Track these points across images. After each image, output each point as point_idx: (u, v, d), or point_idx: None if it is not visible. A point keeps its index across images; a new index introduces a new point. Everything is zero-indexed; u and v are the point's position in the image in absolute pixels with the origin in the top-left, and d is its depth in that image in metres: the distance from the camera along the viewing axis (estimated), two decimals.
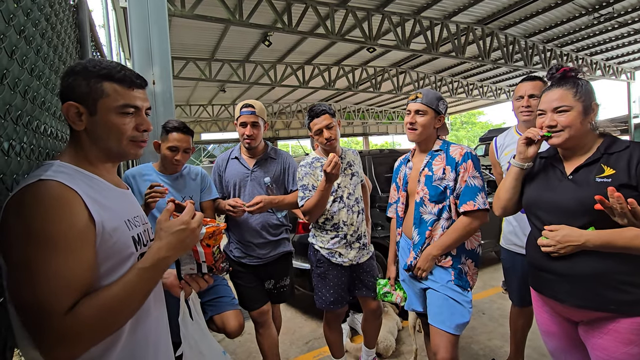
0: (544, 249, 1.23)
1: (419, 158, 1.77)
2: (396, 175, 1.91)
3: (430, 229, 1.64)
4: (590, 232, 1.15)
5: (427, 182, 1.65)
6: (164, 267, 0.80)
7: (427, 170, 1.67)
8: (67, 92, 0.81)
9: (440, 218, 1.63)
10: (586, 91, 1.23)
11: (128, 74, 0.84)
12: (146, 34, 2.15)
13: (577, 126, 1.22)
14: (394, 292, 1.86)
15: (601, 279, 1.15)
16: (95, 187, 0.80)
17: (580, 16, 8.15)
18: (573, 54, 10.95)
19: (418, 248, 1.66)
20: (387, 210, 1.98)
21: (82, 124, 0.81)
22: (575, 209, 1.20)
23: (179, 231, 0.82)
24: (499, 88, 15.98)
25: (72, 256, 0.68)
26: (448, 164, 1.63)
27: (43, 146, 1.25)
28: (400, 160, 1.92)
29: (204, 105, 16.66)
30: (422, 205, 1.66)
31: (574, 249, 1.17)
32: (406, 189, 1.78)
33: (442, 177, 1.62)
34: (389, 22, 7.56)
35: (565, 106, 1.23)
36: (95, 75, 0.81)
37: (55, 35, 1.54)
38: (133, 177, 1.81)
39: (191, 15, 6.02)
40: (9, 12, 0.98)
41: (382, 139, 30.93)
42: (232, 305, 1.87)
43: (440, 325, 1.56)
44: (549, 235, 1.22)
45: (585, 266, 1.17)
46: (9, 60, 0.97)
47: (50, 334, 0.64)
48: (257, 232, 1.99)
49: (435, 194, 1.62)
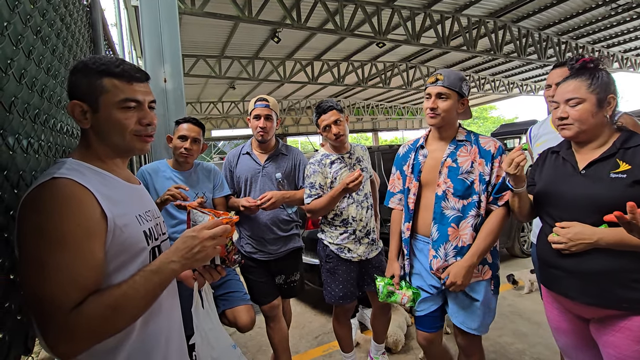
0: (554, 245, 1.21)
1: (437, 146, 1.60)
2: (402, 162, 1.72)
3: (454, 226, 1.50)
4: (603, 230, 1.12)
5: (452, 175, 1.50)
6: (169, 273, 0.78)
7: (451, 161, 1.52)
8: (72, 90, 0.83)
9: (467, 215, 1.50)
10: (603, 83, 1.19)
11: (127, 68, 0.84)
12: (157, 32, 2.18)
13: (589, 119, 1.19)
14: (398, 292, 1.65)
15: (613, 277, 1.13)
16: (107, 183, 0.82)
17: (597, 7, 7.91)
18: (589, 46, 10.64)
19: (439, 245, 1.52)
20: (388, 200, 1.79)
21: (88, 121, 0.83)
22: (587, 206, 1.17)
23: (189, 237, 0.82)
24: (512, 82, 15.66)
25: (81, 254, 0.70)
26: (482, 156, 1.50)
27: (60, 143, 1.29)
28: (409, 145, 1.73)
29: (214, 102, 16.79)
30: (444, 200, 1.51)
31: (585, 247, 1.14)
32: (419, 179, 1.60)
33: (470, 170, 1.49)
34: (399, 16, 7.47)
35: (577, 98, 1.20)
36: (94, 72, 0.81)
37: (70, 34, 1.58)
38: (148, 173, 1.86)
39: (201, 13, 6.06)
40: (26, 13, 1.01)
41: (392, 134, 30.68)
42: (243, 300, 1.90)
43: (473, 329, 1.52)
44: (561, 233, 1.19)
45: (596, 263, 1.15)
46: (27, 60, 1.00)
47: (55, 328, 0.67)
48: (268, 228, 2.01)
49: (462, 189, 1.49)
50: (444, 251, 1.52)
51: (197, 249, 0.81)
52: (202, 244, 0.82)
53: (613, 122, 1.24)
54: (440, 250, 1.52)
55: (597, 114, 1.19)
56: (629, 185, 1.10)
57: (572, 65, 1.27)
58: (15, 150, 0.87)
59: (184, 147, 1.82)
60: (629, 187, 1.10)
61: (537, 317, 2.89)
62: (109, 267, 0.77)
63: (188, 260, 0.81)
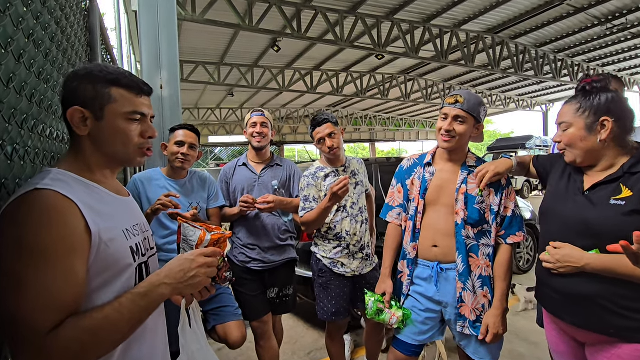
0: (544, 264, 1.20)
1: (446, 167, 1.55)
2: (405, 176, 1.64)
3: (473, 255, 1.46)
4: (592, 256, 1.10)
5: (470, 203, 1.46)
6: (157, 297, 0.74)
7: (466, 188, 1.48)
8: (71, 96, 0.80)
9: (480, 244, 1.47)
10: (594, 106, 1.14)
11: (136, 80, 0.85)
12: (155, 38, 2.16)
13: (577, 143, 1.17)
14: (388, 311, 1.56)
15: (601, 302, 1.11)
16: (94, 195, 0.79)
17: (592, 27, 8.08)
18: (585, 64, 10.84)
19: (467, 278, 1.45)
20: (385, 213, 1.71)
21: (86, 129, 0.80)
22: (580, 229, 1.15)
23: (186, 260, 0.80)
24: (508, 97, 15.87)
25: (62, 271, 0.66)
26: (491, 186, 1.48)
27: (48, 149, 1.24)
28: (415, 160, 1.66)
29: (212, 108, 16.81)
30: (463, 228, 1.46)
31: (572, 270, 1.12)
32: (424, 197, 1.55)
33: (481, 199, 1.47)
34: (399, 29, 7.57)
35: (565, 122, 1.19)
36: (102, 80, 0.80)
37: (65, 38, 1.54)
38: (141, 182, 1.81)
39: (202, 20, 6.09)
40: (18, 16, 0.98)
41: (389, 145, 30.81)
42: (235, 316, 1.84)
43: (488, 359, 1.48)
44: (551, 252, 1.18)
45: (585, 287, 1.13)
46: (16, 64, 0.96)
47: (29, 352, 0.62)
48: (266, 235, 1.99)
49: (477, 218, 1.45)
50: (471, 283, 1.47)
51: (192, 273, 0.78)
52: (197, 270, 0.79)
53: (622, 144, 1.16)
54: (468, 283, 1.46)
55: (586, 138, 1.15)
56: (625, 214, 1.06)
57: (577, 86, 1.26)
58: None
59: (180, 152, 1.79)
60: (625, 216, 1.06)
61: (535, 337, 2.84)
62: (90, 285, 0.72)
63: (181, 284, 0.77)
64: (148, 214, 1.61)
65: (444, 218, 1.50)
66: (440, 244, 1.50)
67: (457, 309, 1.48)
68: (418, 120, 22.61)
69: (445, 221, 1.50)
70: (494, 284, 1.50)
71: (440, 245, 1.50)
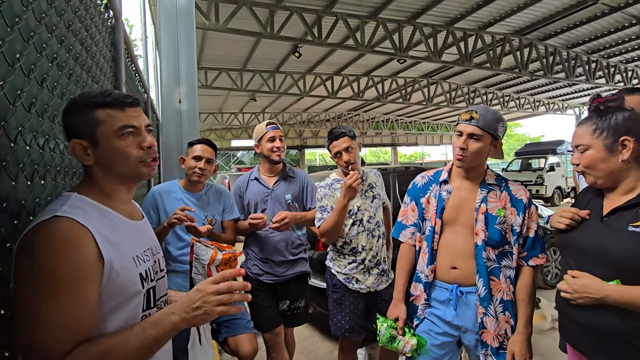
0: (562, 294, 1.14)
1: (464, 185, 1.48)
2: (420, 194, 1.57)
3: (494, 279, 1.40)
4: (612, 287, 1.02)
5: (490, 223, 1.40)
6: (168, 325, 0.73)
7: (485, 207, 1.41)
8: (68, 131, 0.82)
9: (502, 266, 1.41)
10: (611, 126, 1.08)
11: (116, 95, 0.83)
12: (175, 54, 2.22)
13: (598, 165, 1.10)
14: (401, 338, 1.48)
15: (623, 338, 1.03)
16: (108, 222, 0.81)
17: (630, 26, 7.64)
18: (621, 65, 10.26)
19: (488, 303, 1.39)
20: (398, 232, 1.63)
21: (90, 158, 0.82)
22: (597, 257, 1.07)
23: (194, 291, 0.78)
24: (537, 100, 15.26)
25: (75, 300, 0.68)
26: (513, 205, 1.42)
27: (69, 165, 1.29)
28: (429, 177, 1.58)
29: (235, 113, 17.18)
30: (484, 250, 1.40)
31: (591, 302, 1.05)
32: (441, 216, 1.47)
33: (503, 219, 1.40)
34: (421, 33, 7.45)
35: (582, 145, 1.13)
36: (85, 106, 0.81)
37: (90, 57, 1.61)
38: (159, 194, 1.86)
39: (224, 29, 6.23)
40: (42, 42, 1.03)
41: (412, 149, 30.31)
42: (247, 329, 1.85)
43: None
44: (569, 282, 1.11)
45: (607, 321, 1.05)
46: (39, 88, 1.01)
47: None
48: (278, 250, 1.99)
49: (498, 239, 1.39)
50: (493, 308, 1.41)
51: (197, 304, 0.75)
52: (203, 299, 0.75)
53: None
54: (490, 308, 1.40)
55: (607, 160, 1.09)
56: None
57: (588, 107, 1.19)
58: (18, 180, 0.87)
59: (198, 166, 1.83)
60: None
61: (560, 358, 2.68)
62: (101, 310, 0.74)
63: (187, 314, 0.74)
64: (165, 227, 1.65)
65: (462, 239, 1.43)
66: (460, 266, 1.43)
67: (478, 335, 1.41)
68: (441, 123, 22.13)
69: (465, 242, 1.43)
70: (516, 308, 1.43)
71: (459, 268, 1.43)
